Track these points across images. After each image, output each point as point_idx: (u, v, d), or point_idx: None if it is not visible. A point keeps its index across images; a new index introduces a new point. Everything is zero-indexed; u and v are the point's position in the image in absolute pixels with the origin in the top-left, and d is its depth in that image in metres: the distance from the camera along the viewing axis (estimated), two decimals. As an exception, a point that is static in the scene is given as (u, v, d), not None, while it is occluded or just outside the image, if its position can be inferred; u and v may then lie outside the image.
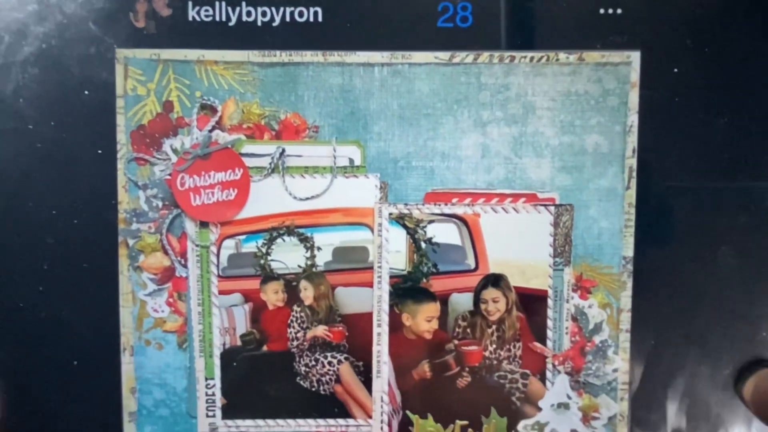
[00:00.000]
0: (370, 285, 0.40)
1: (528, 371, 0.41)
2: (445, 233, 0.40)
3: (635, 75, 0.39)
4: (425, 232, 0.40)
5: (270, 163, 0.40)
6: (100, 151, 0.40)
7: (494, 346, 0.41)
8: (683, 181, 0.39)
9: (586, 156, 0.39)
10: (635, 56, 0.39)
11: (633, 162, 0.39)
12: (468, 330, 0.41)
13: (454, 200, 0.40)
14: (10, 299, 0.40)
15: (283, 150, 0.40)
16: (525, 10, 0.39)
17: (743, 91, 0.39)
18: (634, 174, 0.39)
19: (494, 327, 0.40)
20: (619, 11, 0.38)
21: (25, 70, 0.39)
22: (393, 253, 0.40)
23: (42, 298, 0.40)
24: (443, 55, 0.39)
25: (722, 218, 0.39)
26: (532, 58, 0.39)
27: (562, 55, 0.39)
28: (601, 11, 0.39)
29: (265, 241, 0.40)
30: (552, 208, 0.40)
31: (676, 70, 0.39)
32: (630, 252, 0.40)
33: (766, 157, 0.39)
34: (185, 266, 0.40)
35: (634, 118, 0.39)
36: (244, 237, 0.40)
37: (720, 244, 0.39)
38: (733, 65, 0.38)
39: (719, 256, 0.39)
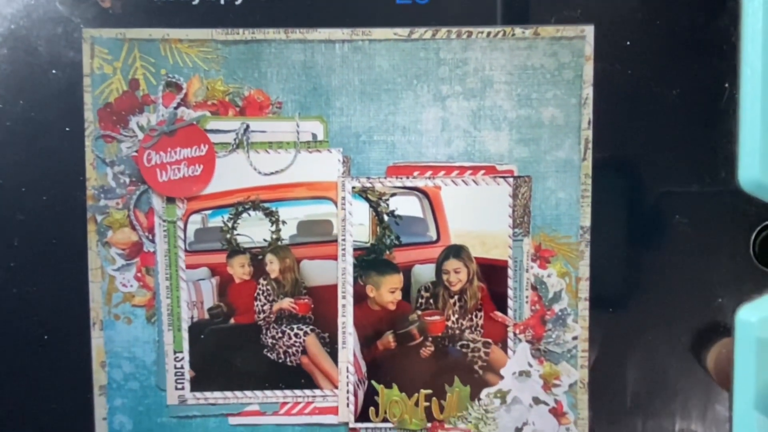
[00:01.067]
0: (335, 257, 0.41)
1: (490, 340, 0.41)
2: (406, 206, 0.41)
3: (589, 48, 0.40)
4: (387, 205, 0.41)
5: (234, 139, 0.41)
6: (68, 129, 0.40)
7: (456, 315, 0.41)
8: (638, 151, 0.40)
9: (543, 128, 0.40)
10: (589, 30, 0.40)
11: (589, 134, 0.40)
12: (431, 300, 0.42)
13: (416, 173, 0.41)
14: (-19, 275, 0.41)
15: (248, 126, 0.41)
16: (481, -14, 0.40)
17: (693, 62, 0.40)
18: (590, 145, 0.40)
19: (456, 297, 0.41)
20: (572, -14, 0.40)
21: (-7, 51, 0.40)
22: (356, 226, 0.41)
23: (13, 273, 0.41)
24: (402, 32, 0.40)
25: (676, 187, 0.40)
26: (489, 34, 0.40)
27: (518, 30, 0.40)
28: (556, -13, 0.40)
29: (230, 216, 0.41)
30: (510, 180, 0.41)
31: (628, 43, 0.40)
32: (587, 222, 0.41)
33: (718, 126, 0.40)
34: (153, 241, 0.41)
35: (588, 91, 0.40)
36: (210, 212, 0.41)
37: (675, 213, 0.40)
38: (683, 38, 0.40)
39: (674, 224, 0.40)
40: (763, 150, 0.39)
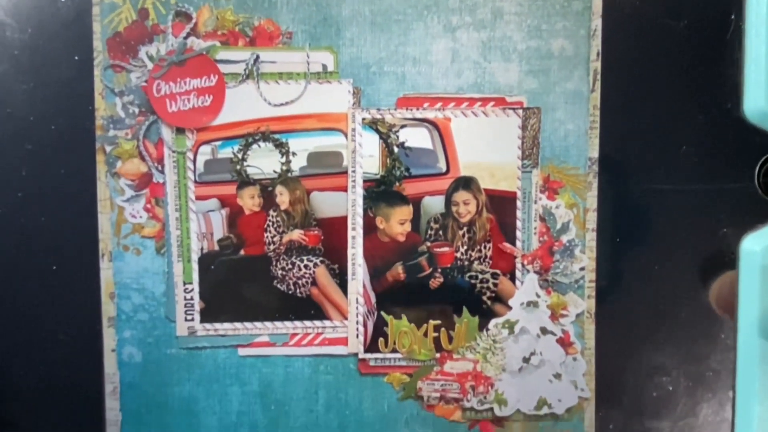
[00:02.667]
0: (345, 189, 0.41)
1: (498, 271, 0.42)
2: (417, 137, 0.41)
3: (599, -20, 0.40)
4: (398, 136, 0.41)
5: (244, 70, 0.41)
6: (76, 58, 0.40)
7: (465, 247, 0.42)
8: (645, 82, 0.41)
9: (552, 60, 0.41)
10: (598, -39, 0.40)
11: (597, 65, 0.41)
12: (440, 232, 0.42)
13: (426, 105, 0.41)
14: (-11, 205, 0.41)
15: (258, 56, 0.41)
16: None
17: (701, -7, 0.40)
18: (599, 77, 0.41)
19: (465, 229, 0.42)
20: None
21: (0, -21, 0.40)
22: (366, 157, 0.41)
23: (20, 204, 0.41)
24: (413, -38, 0.40)
25: (682, 117, 0.41)
26: (499, -35, 0.40)
27: (528, -39, 0.40)
28: None
29: (240, 147, 0.41)
30: (520, 112, 0.41)
31: (637, -26, 0.40)
32: (595, 153, 0.41)
33: (724, 57, 0.40)
34: (162, 172, 0.41)
35: (597, 22, 0.40)
36: (220, 143, 0.41)
37: (681, 144, 0.41)
38: (691, -32, 0.40)
39: (681, 155, 0.41)
40: (769, 81, 0.39)
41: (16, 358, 0.41)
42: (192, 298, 0.42)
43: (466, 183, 0.41)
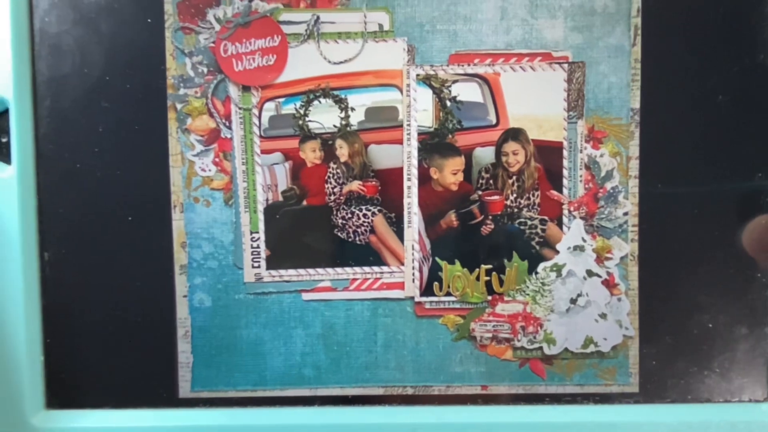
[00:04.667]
0: (400, 142, 0.44)
1: (546, 217, 0.44)
2: (468, 92, 0.44)
3: (639, -60, 0.43)
4: (450, 91, 0.44)
5: (306, 30, 0.43)
6: (149, 21, 0.43)
7: (515, 195, 0.44)
8: (683, 36, 0.43)
9: (596, 16, 0.43)
10: None
11: (638, 21, 0.43)
12: (491, 181, 0.44)
13: (476, 61, 0.44)
14: (69, 160, 0.43)
15: (318, 17, 0.43)
16: None
17: (737, -50, 0.42)
18: (639, 32, 0.43)
19: (514, 177, 0.44)
20: None
21: (77, -52, 0.42)
22: (420, 111, 0.44)
23: (97, 158, 0.43)
24: (464, -74, 0.43)
25: (718, 68, 0.43)
26: (544, -73, 0.43)
27: (572, -76, 0.43)
28: None
29: (302, 103, 0.44)
30: (566, 66, 0.43)
31: (675, -67, 0.43)
32: (637, 104, 0.43)
33: (755, 12, 0.42)
34: (230, 128, 0.44)
35: (638, -20, 0.43)
36: (283, 99, 0.44)
37: (718, 93, 0.43)
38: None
39: (718, 104, 0.43)
40: (801, 33, 0.42)
41: (95, 303, 0.44)
42: (258, 247, 0.44)
43: (515, 134, 0.44)
